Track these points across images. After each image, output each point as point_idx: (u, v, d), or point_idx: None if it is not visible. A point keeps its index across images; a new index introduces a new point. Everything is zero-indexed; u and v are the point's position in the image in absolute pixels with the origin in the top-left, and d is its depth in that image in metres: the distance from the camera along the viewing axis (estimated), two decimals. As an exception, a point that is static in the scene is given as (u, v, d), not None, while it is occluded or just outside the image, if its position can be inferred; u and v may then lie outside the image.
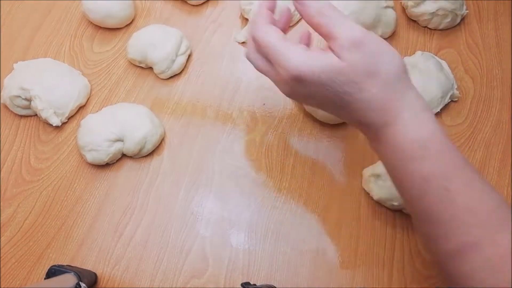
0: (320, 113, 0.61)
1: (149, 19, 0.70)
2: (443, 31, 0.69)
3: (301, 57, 0.38)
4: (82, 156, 0.60)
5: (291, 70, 0.38)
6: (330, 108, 0.42)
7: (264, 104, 0.64)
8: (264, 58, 0.42)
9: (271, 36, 0.40)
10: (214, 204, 0.59)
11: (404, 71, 0.40)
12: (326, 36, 0.39)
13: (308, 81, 0.39)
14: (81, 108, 0.64)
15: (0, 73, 0.66)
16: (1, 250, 0.56)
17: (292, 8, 0.44)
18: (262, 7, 0.44)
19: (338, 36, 0.38)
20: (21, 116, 0.64)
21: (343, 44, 0.38)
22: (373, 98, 0.38)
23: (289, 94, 0.42)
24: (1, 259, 0.56)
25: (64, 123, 0.63)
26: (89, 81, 0.65)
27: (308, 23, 0.40)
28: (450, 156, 0.39)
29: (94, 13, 0.67)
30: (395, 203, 0.55)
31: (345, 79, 0.38)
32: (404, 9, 0.70)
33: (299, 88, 0.40)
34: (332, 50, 0.38)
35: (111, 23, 0.68)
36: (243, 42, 0.68)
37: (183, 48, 0.65)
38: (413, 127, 0.39)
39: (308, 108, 0.62)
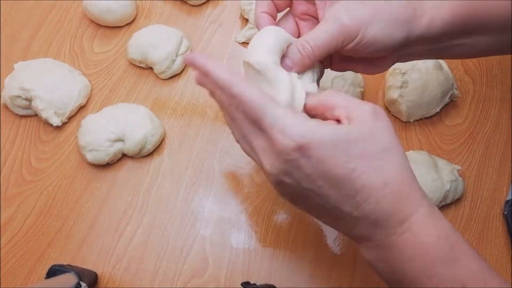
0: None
1: (149, 19, 0.71)
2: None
3: (305, 125, 0.32)
4: (82, 156, 0.60)
5: (295, 137, 0.31)
6: (327, 203, 0.34)
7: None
8: (250, 125, 0.34)
9: (256, 95, 0.33)
10: (214, 204, 0.59)
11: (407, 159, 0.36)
12: (333, 109, 0.34)
13: (314, 154, 0.31)
14: (81, 108, 0.64)
15: (0, 73, 0.66)
16: (2, 250, 0.56)
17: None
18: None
19: (359, 106, 0.34)
20: (22, 116, 0.64)
21: (365, 110, 0.33)
22: (389, 180, 0.33)
23: (280, 180, 0.34)
24: (2, 258, 0.56)
25: (64, 123, 0.63)
26: (89, 81, 0.65)
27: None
28: (477, 256, 0.34)
29: (94, 7, 0.67)
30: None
31: (361, 150, 0.32)
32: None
33: (297, 171, 0.33)
34: (343, 119, 0.34)
35: (111, 20, 0.68)
36: (243, 42, 0.68)
37: (183, 48, 0.65)
38: (435, 221, 0.34)
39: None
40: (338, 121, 0.35)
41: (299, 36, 0.43)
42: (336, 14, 0.38)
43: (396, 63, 0.44)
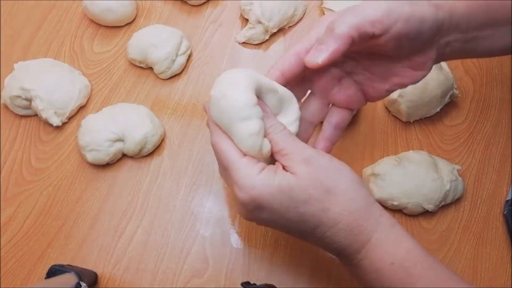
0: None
1: (149, 19, 0.71)
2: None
3: (259, 175, 0.36)
4: (82, 156, 0.60)
5: (248, 190, 0.36)
6: (297, 233, 0.40)
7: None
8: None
9: (228, 148, 0.38)
10: (214, 204, 0.59)
11: (360, 185, 0.38)
12: (278, 153, 0.38)
13: (267, 204, 0.36)
14: (81, 108, 0.64)
15: (0, 73, 0.66)
16: (2, 250, 0.56)
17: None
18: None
19: (289, 152, 0.37)
20: (22, 116, 0.64)
21: (295, 159, 0.37)
22: (338, 218, 0.37)
23: (250, 219, 0.40)
24: (2, 258, 0.56)
25: (64, 123, 0.63)
26: (89, 81, 0.65)
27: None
28: (438, 277, 0.37)
29: (94, 7, 0.67)
30: (395, 203, 0.55)
31: (305, 196, 0.36)
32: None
33: (260, 214, 0.38)
34: (285, 167, 0.38)
35: (111, 19, 0.68)
36: (243, 42, 0.68)
37: (183, 48, 0.65)
38: (389, 247, 0.37)
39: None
40: None
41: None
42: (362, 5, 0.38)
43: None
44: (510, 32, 0.43)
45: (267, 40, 0.68)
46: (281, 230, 0.41)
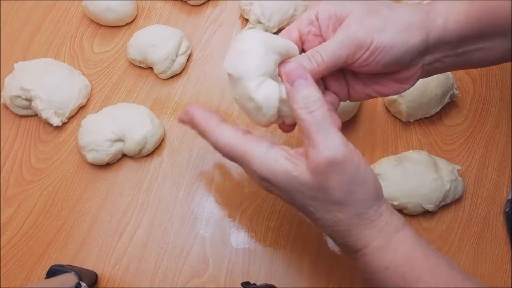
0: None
1: (149, 19, 0.70)
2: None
3: (263, 159, 0.36)
4: (82, 156, 0.60)
5: (257, 173, 0.37)
6: (305, 213, 0.39)
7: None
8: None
9: (227, 137, 0.38)
10: (214, 204, 0.59)
11: (379, 197, 0.37)
12: (304, 136, 0.36)
13: (275, 184, 0.37)
14: (81, 108, 0.64)
15: (0, 73, 0.66)
16: (2, 250, 0.56)
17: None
18: (199, 113, 0.41)
19: (316, 142, 0.34)
20: (22, 116, 0.64)
21: (319, 162, 0.34)
22: (339, 223, 0.36)
23: (265, 190, 0.40)
24: (2, 258, 0.56)
25: (64, 123, 0.63)
26: (89, 81, 0.65)
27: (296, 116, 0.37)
28: (438, 279, 0.36)
29: (94, 6, 0.67)
30: (395, 203, 0.55)
31: (312, 195, 0.35)
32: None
33: (271, 189, 0.38)
34: (307, 158, 0.35)
35: (111, 19, 0.68)
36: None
37: (183, 48, 0.65)
38: (387, 253, 0.36)
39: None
40: None
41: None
42: (344, 25, 0.37)
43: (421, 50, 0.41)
44: (503, 43, 0.41)
45: (267, 40, 0.68)
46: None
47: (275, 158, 0.36)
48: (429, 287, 0.35)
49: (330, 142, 0.34)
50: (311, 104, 0.35)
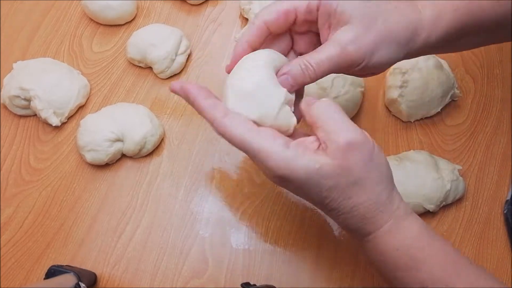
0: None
1: (148, 18, 0.70)
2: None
3: (282, 157, 0.36)
4: (81, 156, 0.60)
5: (273, 171, 0.36)
6: (316, 205, 0.41)
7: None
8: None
9: (241, 131, 0.37)
10: (214, 204, 0.59)
11: (391, 180, 0.39)
12: (316, 127, 0.37)
13: (292, 181, 0.36)
14: (80, 108, 0.64)
15: (-1, 72, 0.66)
16: (1, 250, 0.56)
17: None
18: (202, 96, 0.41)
19: (331, 130, 0.36)
20: (21, 116, 0.64)
21: (340, 144, 0.36)
22: (356, 207, 0.37)
23: (276, 184, 0.40)
24: (1, 259, 0.56)
25: (63, 123, 0.63)
26: (88, 80, 0.65)
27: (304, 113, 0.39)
28: (445, 259, 0.38)
29: (94, 4, 0.66)
30: (396, 203, 0.55)
31: (332, 183, 0.36)
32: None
33: (285, 185, 0.38)
34: (321, 141, 0.37)
35: (111, 17, 0.68)
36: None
37: (182, 48, 0.65)
38: (397, 235, 0.38)
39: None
40: None
41: (290, 49, 0.44)
42: (341, 40, 0.39)
43: (396, 63, 0.43)
44: (488, 35, 0.45)
45: (267, 39, 0.68)
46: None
47: (293, 156, 0.36)
48: (437, 266, 0.37)
49: (346, 126, 0.37)
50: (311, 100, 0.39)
